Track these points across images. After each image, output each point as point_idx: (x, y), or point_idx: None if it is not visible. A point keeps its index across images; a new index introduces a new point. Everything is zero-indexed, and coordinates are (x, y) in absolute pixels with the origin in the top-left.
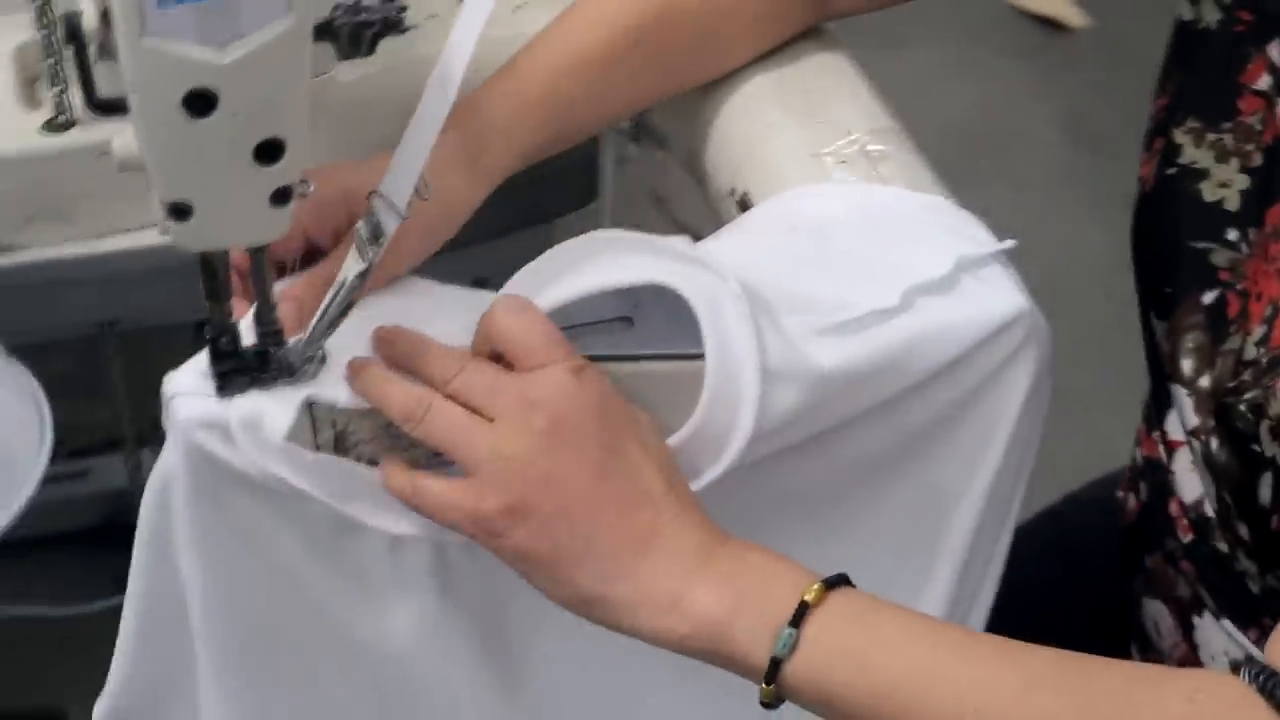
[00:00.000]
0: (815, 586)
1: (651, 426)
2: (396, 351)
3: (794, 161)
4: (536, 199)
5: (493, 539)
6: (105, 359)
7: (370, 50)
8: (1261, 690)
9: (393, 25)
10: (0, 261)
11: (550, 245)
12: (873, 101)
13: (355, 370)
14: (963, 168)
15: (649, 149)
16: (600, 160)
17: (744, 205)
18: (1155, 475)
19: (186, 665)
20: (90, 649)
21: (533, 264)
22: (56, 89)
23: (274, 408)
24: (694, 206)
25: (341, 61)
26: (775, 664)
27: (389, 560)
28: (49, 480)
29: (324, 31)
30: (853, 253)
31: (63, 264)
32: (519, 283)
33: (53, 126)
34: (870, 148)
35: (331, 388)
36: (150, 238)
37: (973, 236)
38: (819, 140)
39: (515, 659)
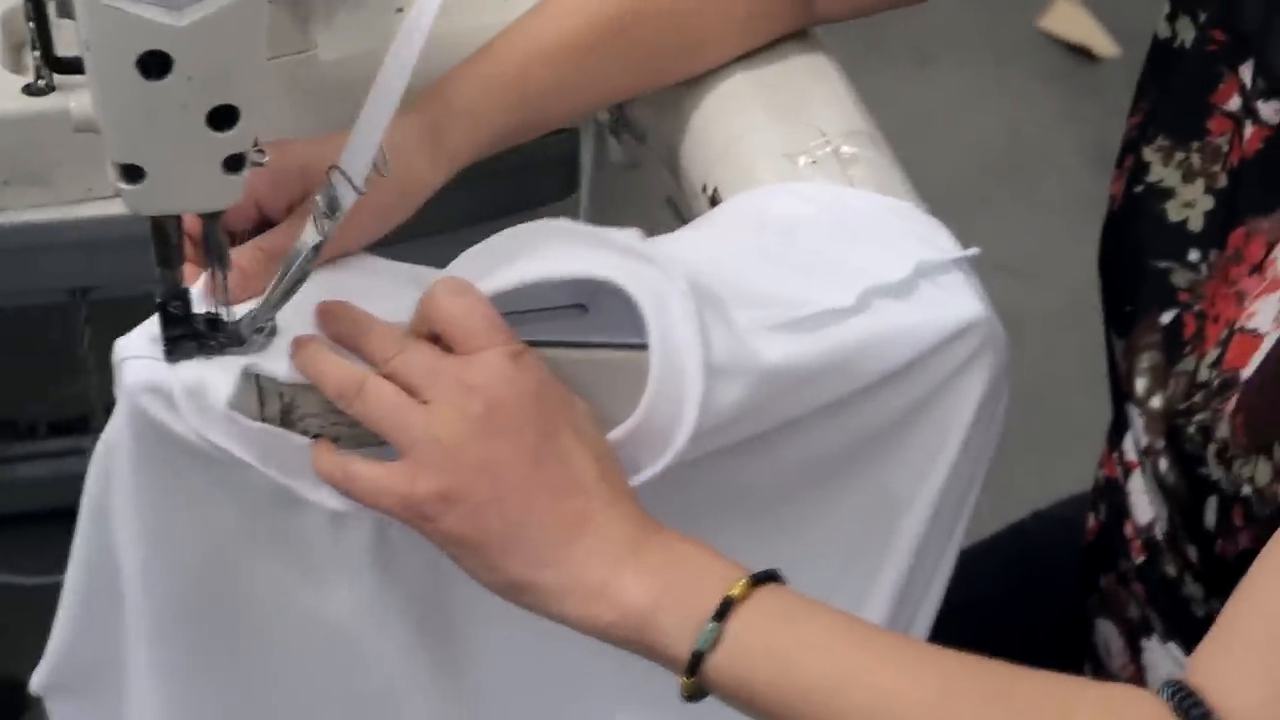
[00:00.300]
0: (742, 582)
1: (587, 414)
2: (339, 328)
3: (766, 161)
4: (515, 189)
5: (424, 523)
6: (77, 327)
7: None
8: (1177, 709)
9: None
10: None
11: None
12: (850, 104)
13: (297, 345)
14: (987, 189)
15: (629, 143)
16: (580, 152)
17: (715, 203)
18: (1113, 496)
19: (124, 636)
20: None
21: (478, 246)
22: (37, 53)
23: (219, 375)
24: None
25: (314, 31)
26: (697, 657)
27: (329, 535)
28: (42, 456)
29: None
30: (814, 251)
31: (37, 228)
32: (463, 264)
33: (32, 90)
34: (843, 150)
35: (279, 360)
36: None
37: (937, 243)
38: (792, 141)
39: (455, 641)
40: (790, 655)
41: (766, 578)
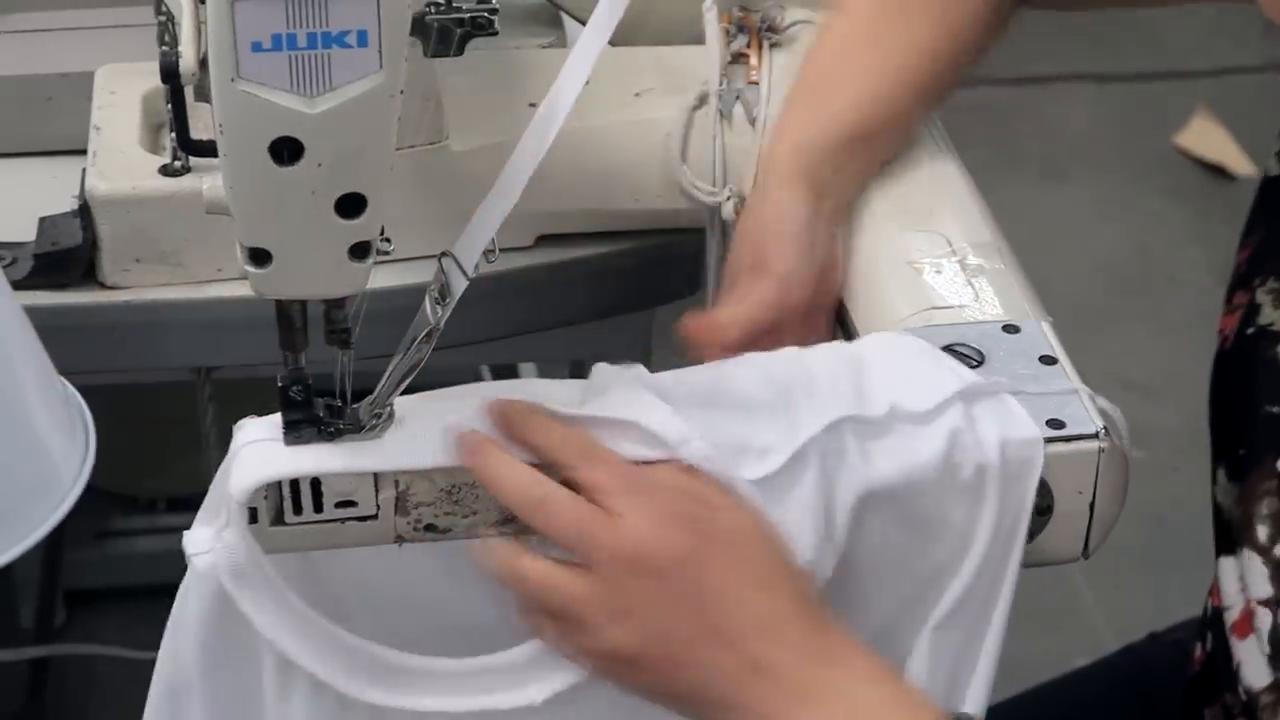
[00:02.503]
0: None
1: (753, 545)
2: (510, 423)
3: (890, 267)
4: (641, 286)
5: (623, 684)
6: (200, 405)
7: (459, 50)
8: None
9: (482, 26)
10: (104, 299)
11: (650, 331)
12: (977, 215)
13: (469, 447)
14: (1114, 305)
15: None
16: (706, 248)
17: (837, 308)
18: (1220, 627)
19: None
20: None
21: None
22: (174, 135)
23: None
24: None
25: (434, 58)
26: None
27: None
28: (159, 532)
29: (415, 27)
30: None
31: (165, 306)
32: None
33: (168, 171)
34: (969, 260)
35: (398, 446)
36: None
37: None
38: (918, 249)
39: None
40: None
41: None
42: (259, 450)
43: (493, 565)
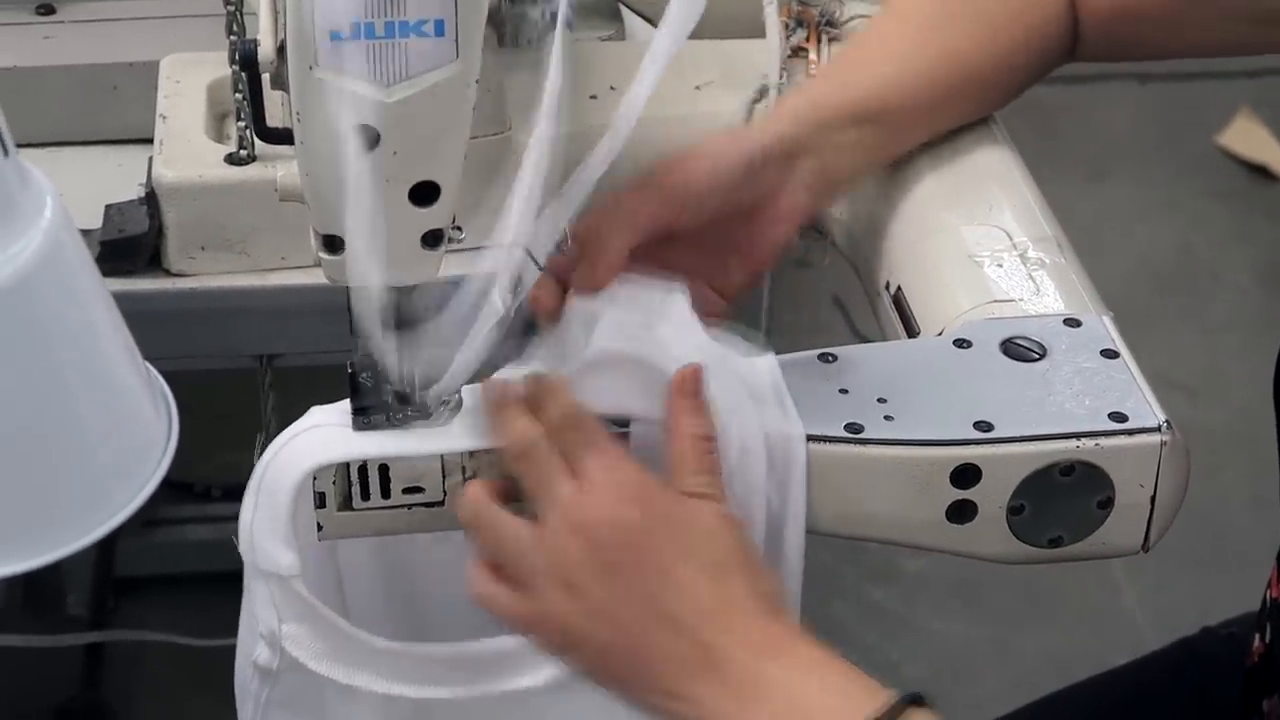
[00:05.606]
0: (880, 710)
1: (709, 530)
2: (532, 392)
3: (951, 262)
4: None
5: (558, 654)
6: (260, 393)
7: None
8: None
9: (556, 17)
10: (169, 286)
11: None
12: (1037, 210)
13: (488, 390)
14: (1156, 304)
15: (810, 236)
16: None
17: (898, 301)
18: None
19: None
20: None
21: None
22: (241, 124)
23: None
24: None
25: (501, 49)
26: None
27: None
28: (210, 520)
29: (491, 18)
30: None
31: (230, 293)
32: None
33: (234, 160)
34: (1029, 254)
35: (465, 434)
36: (319, 274)
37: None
38: (978, 243)
39: None
40: None
41: (910, 700)
42: (324, 434)
43: (470, 585)
